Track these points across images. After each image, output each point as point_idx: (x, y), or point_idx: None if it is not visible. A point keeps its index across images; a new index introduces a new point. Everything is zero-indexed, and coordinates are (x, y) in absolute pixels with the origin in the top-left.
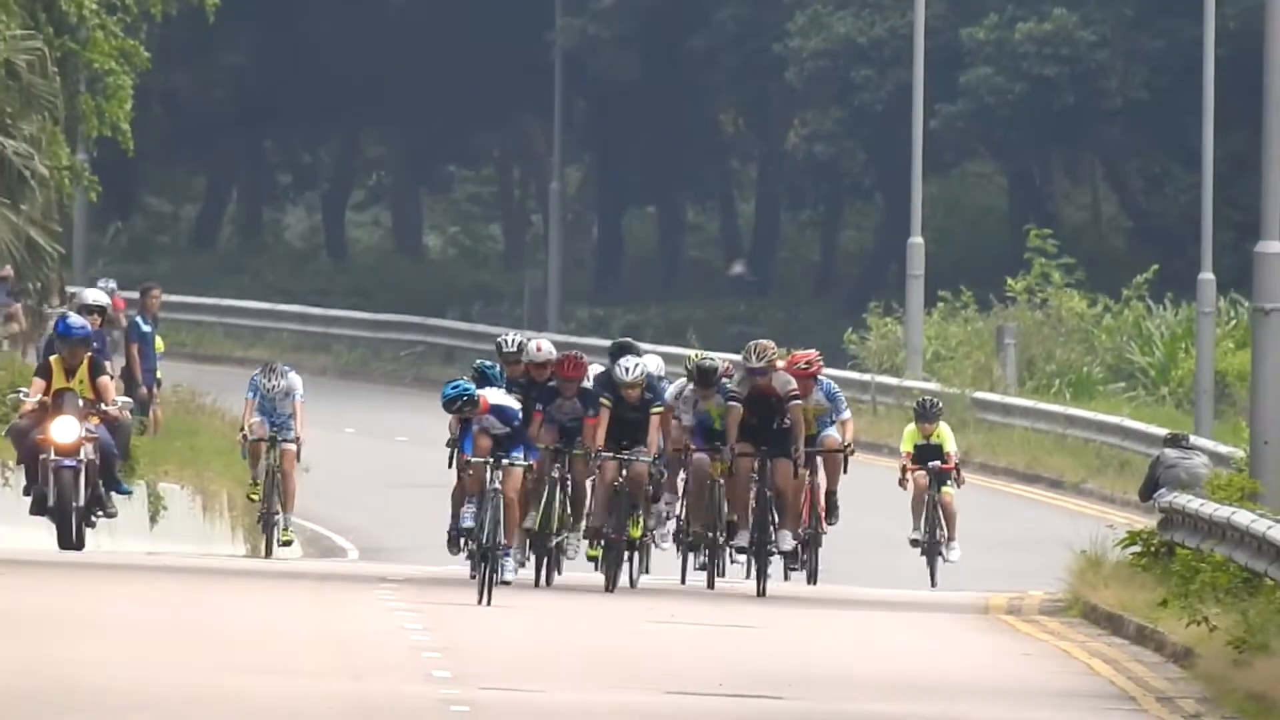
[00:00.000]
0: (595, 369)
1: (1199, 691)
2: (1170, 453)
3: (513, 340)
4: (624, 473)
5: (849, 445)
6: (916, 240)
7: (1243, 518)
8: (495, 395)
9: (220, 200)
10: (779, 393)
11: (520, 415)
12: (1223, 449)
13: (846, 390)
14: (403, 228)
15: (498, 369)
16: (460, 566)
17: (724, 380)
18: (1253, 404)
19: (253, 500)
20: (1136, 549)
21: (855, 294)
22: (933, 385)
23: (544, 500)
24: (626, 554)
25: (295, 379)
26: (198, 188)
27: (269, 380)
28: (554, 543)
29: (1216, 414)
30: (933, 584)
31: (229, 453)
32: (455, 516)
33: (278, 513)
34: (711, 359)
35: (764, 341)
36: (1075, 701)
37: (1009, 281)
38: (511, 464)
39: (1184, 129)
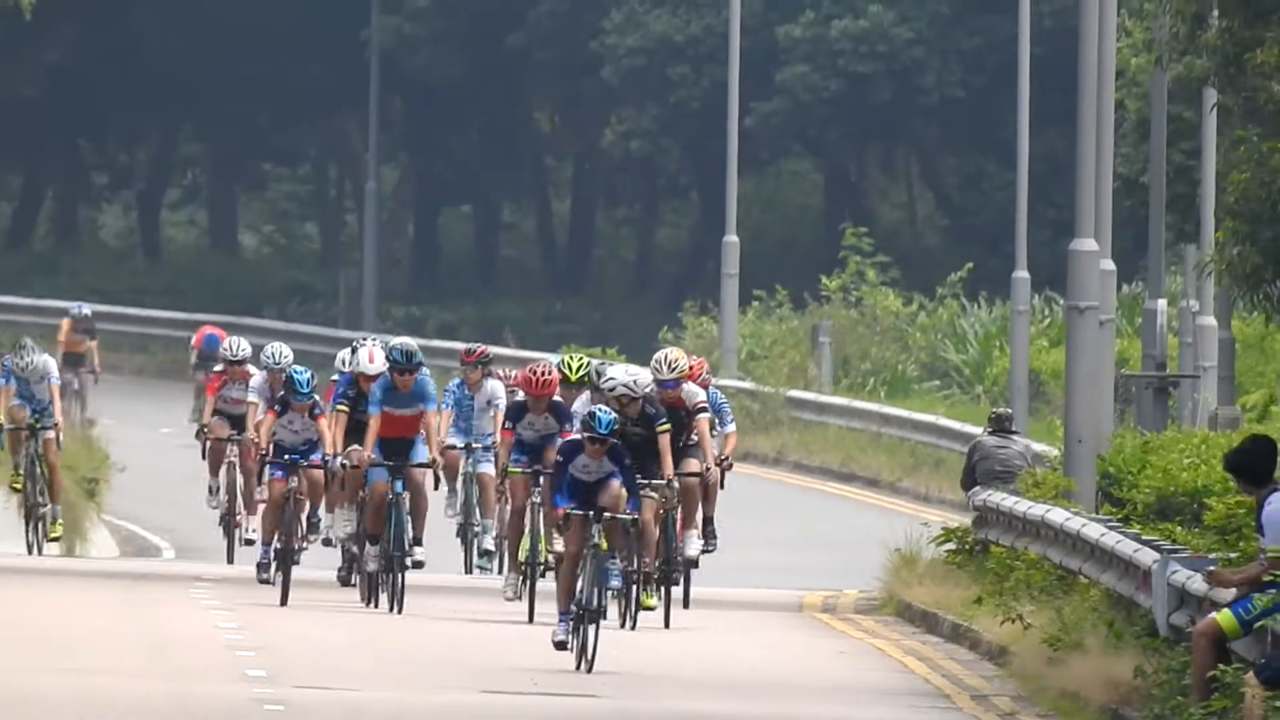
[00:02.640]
0: (583, 397)
1: (1014, 689)
2: (987, 441)
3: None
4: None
5: (726, 459)
6: (731, 239)
7: (1057, 516)
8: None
9: (36, 199)
10: (687, 405)
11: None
12: (1037, 447)
13: None
14: (218, 226)
15: (307, 375)
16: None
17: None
18: (1067, 402)
19: (15, 490)
20: (951, 547)
21: (671, 292)
22: (748, 384)
23: (528, 527)
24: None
25: (49, 361)
26: (12, 186)
27: (20, 359)
28: (543, 570)
29: (1031, 412)
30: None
31: None
32: (267, 543)
33: (45, 505)
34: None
35: (674, 352)
36: (890, 699)
37: (824, 280)
38: (615, 517)
39: (1000, 127)
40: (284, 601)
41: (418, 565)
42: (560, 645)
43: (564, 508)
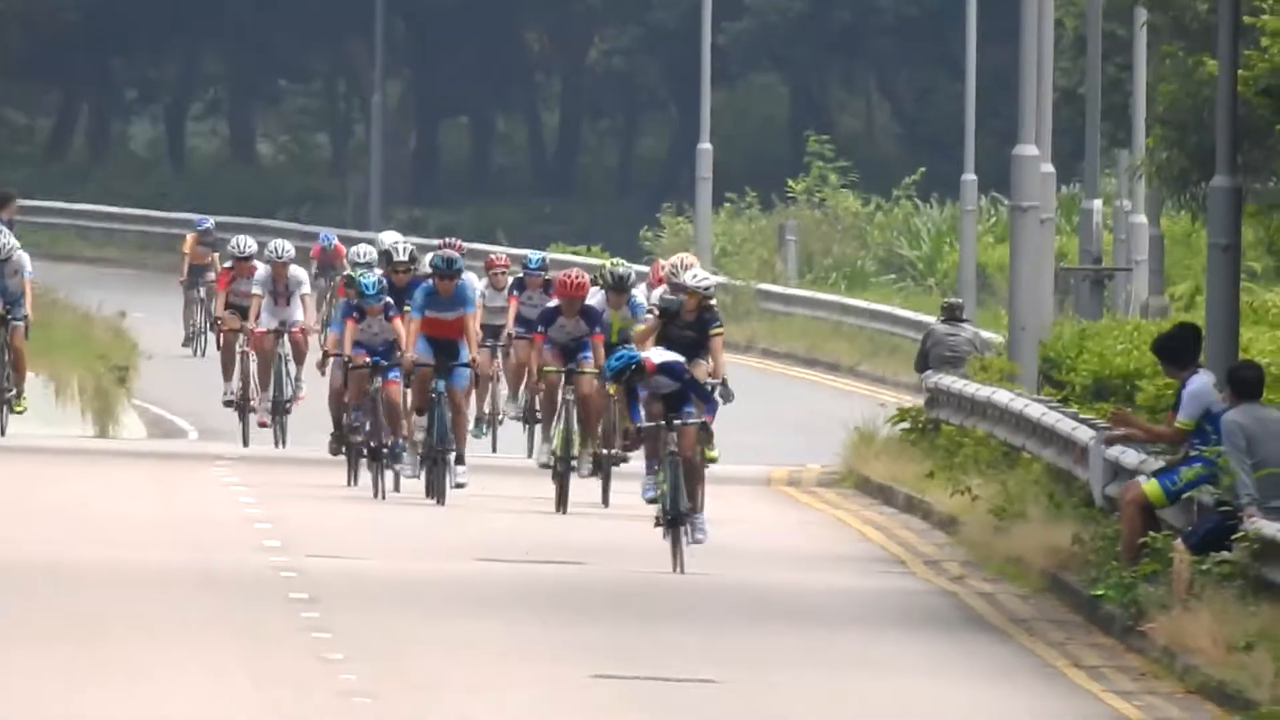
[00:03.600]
0: (595, 291)
1: (963, 556)
2: (939, 328)
3: (403, 249)
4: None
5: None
6: (705, 146)
7: (1002, 397)
8: (659, 354)
9: (72, 113)
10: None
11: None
12: (985, 334)
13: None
14: (238, 137)
15: (373, 279)
16: (327, 461)
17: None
18: (1011, 294)
19: None
20: (906, 426)
21: (650, 196)
22: (721, 278)
23: (560, 424)
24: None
25: (23, 256)
26: (51, 102)
27: None
28: (589, 464)
29: (979, 303)
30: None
31: (80, 344)
32: (337, 421)
33: (10, 389)
34: (624, 265)
35: (689, 256)
36: (851, 565)
37: (790, 183)
38: (685, 423)
39: (950, 44)
40: (379, 495)
41: (459, 486)
42: (652, 501)
43: (637, 423)
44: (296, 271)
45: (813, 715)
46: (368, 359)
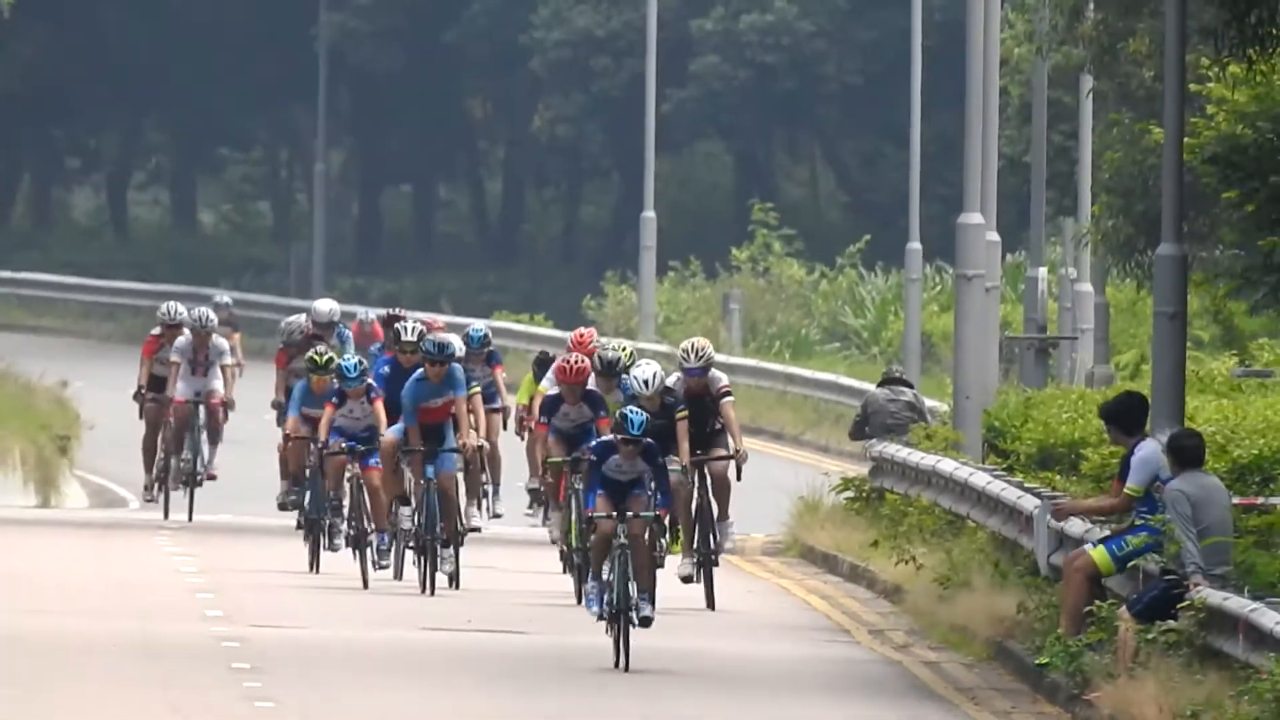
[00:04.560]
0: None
1: (907, 624)
2: (878, 394)
3: (412, 329)
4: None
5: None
6: (649, 214)
7: (947, 465)
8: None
9: (13, 181)
10: (711, 392)
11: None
12: (930, 402)
13: None
14: (180, 205)
15: (354, 361)
16: (258, 517)
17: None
18: (956, 362)
19: None
20: (850, 494)
21: (594, 264)
22: (663, 347)
23: (568, 515)
24: None
25: None
26: None
27: None
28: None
29: (923, 371)
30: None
31: (22, 413)
32: (289, 481)
33: None
34: (613, 348)
35: (700, 340)
36: (795, 634)
37: (734, 251)
38: (638, 515)
39: (894, 112)
40: (365, 585)
41: (447, 573)
42: (601, 616)
43: (590, 510)
44: (219, 341)
45: None
46: (344, 444)
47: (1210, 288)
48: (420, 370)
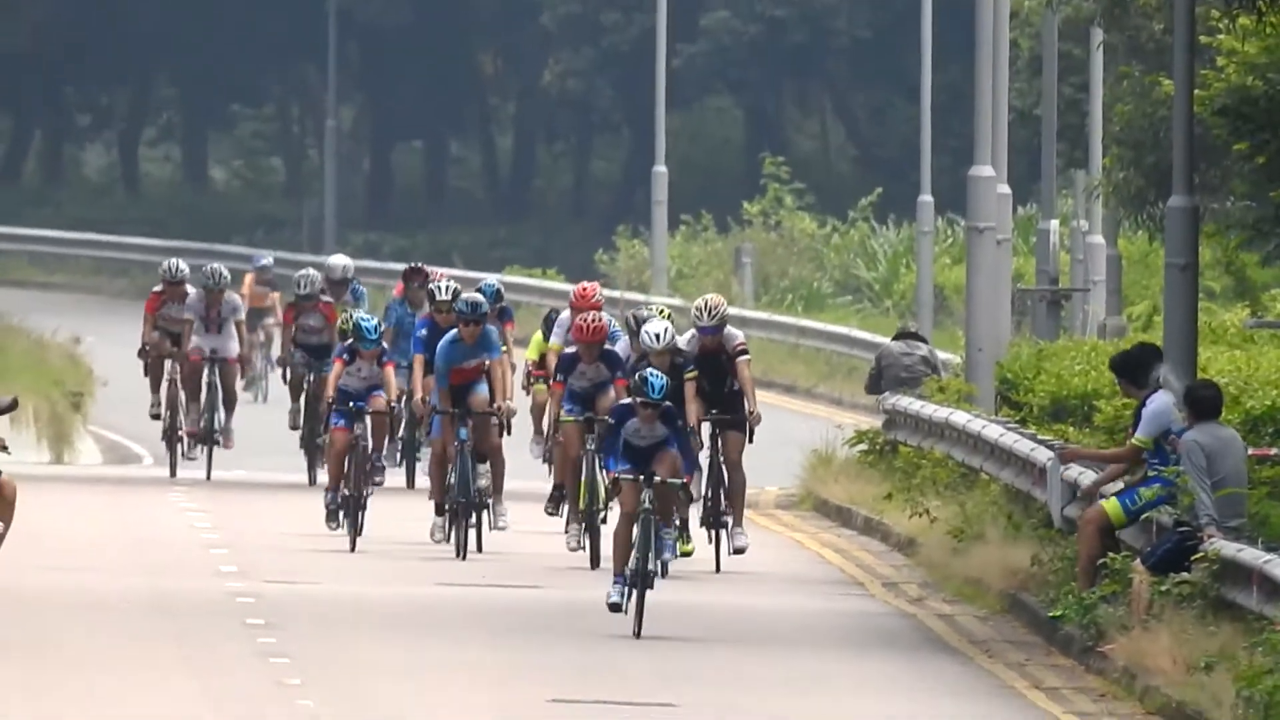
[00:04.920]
0: (622, 343)
1: (921, 577)
2: (893, 347)
3: (446, 288)
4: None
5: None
6: (660, 169)
7: (960, 418)
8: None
9: (24, 139)
10: (727, 350)
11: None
12: (942, 355)
13: None
14: (191, 162)
15: (374, 323)
16: (253, 471)
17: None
18: (968, 315)
19: None
20: (863, 447)
21: (605, 218)
22: (676, 301)
23: (585, 475)
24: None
25: None
26: (3, 128)
27: None
28: (602, 516)
29: (935, 324)
30: None
31: (35, 370)
32: (332, 489)
33: None
34: (649, 310)
35: (714, 297)
36: (809, 587)
37: (745, 205)
38: (665, 482)
39: (905, 65)
40: (353, 548)
41: (500, 529)
42: (614, 608)
43: (614, 472)
44: (231, 298)
45: None
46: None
47: (1222, 239)
48: (454, 332)
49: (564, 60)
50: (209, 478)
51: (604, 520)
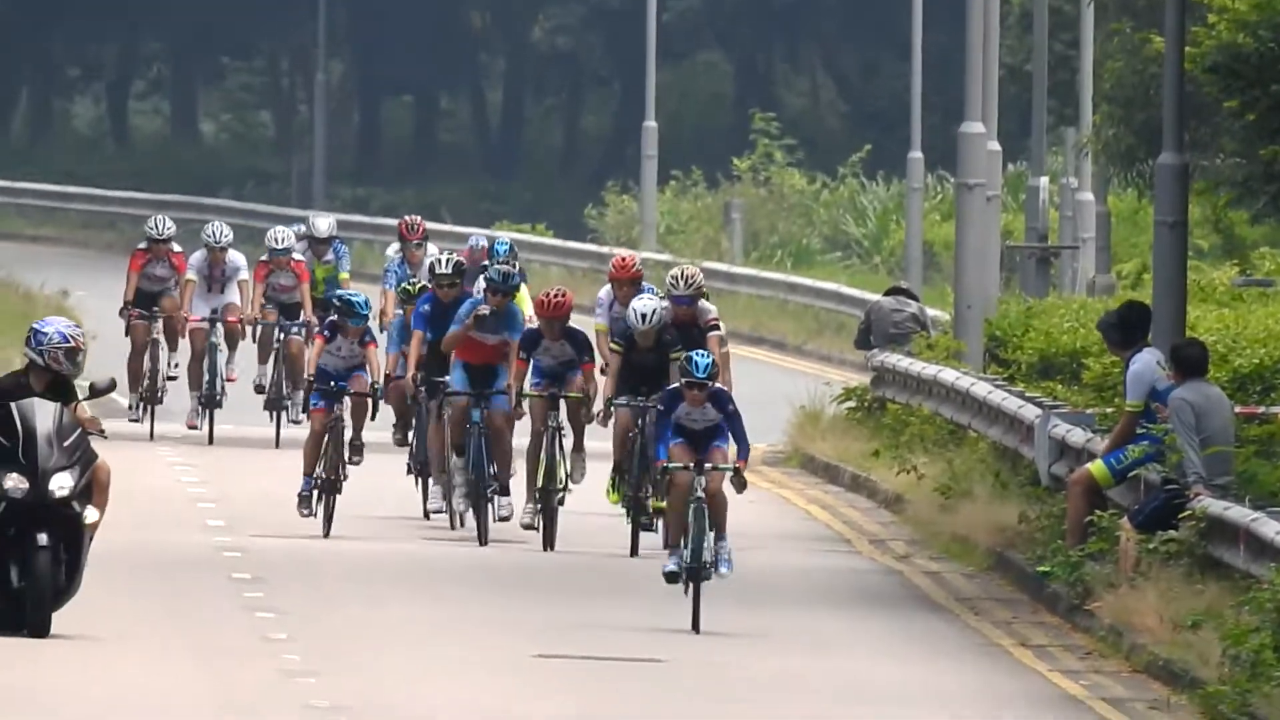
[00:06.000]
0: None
1: (908, 534)
2: (884, 303)
3: (447, 262)
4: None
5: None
6: (650, 124)
7: (948, 375)
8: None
9: (12, 92)
10: (700, 323)
11: None
12: (931, 312)
13: (585, 261)
14: (181, 115)
15: (364, 298)
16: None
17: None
18: (957, 271)
19: None
20: (851, 404)
21: (595, 174)
22: (665, 257)
23: (543, 452)
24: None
25: None
26: None
27: None
28: (560, 497)
29: (925, 280)
30: None
31: (23, 323)
32: (308, 474)
33: None
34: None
35: (691, 268)
36: (797, 544)
37: (735, 161)
38: (716, 467)
39: (895, 21)
40: (326, 533)
41: (502, 519)
42: (670, 577)
43: (662, 461)
44: (234, 257)
45: (759, 694)
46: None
47: (1211, 197)
48: (480, 296)
49: (554, 16)
50: (211, 442)
51: (561, 502)
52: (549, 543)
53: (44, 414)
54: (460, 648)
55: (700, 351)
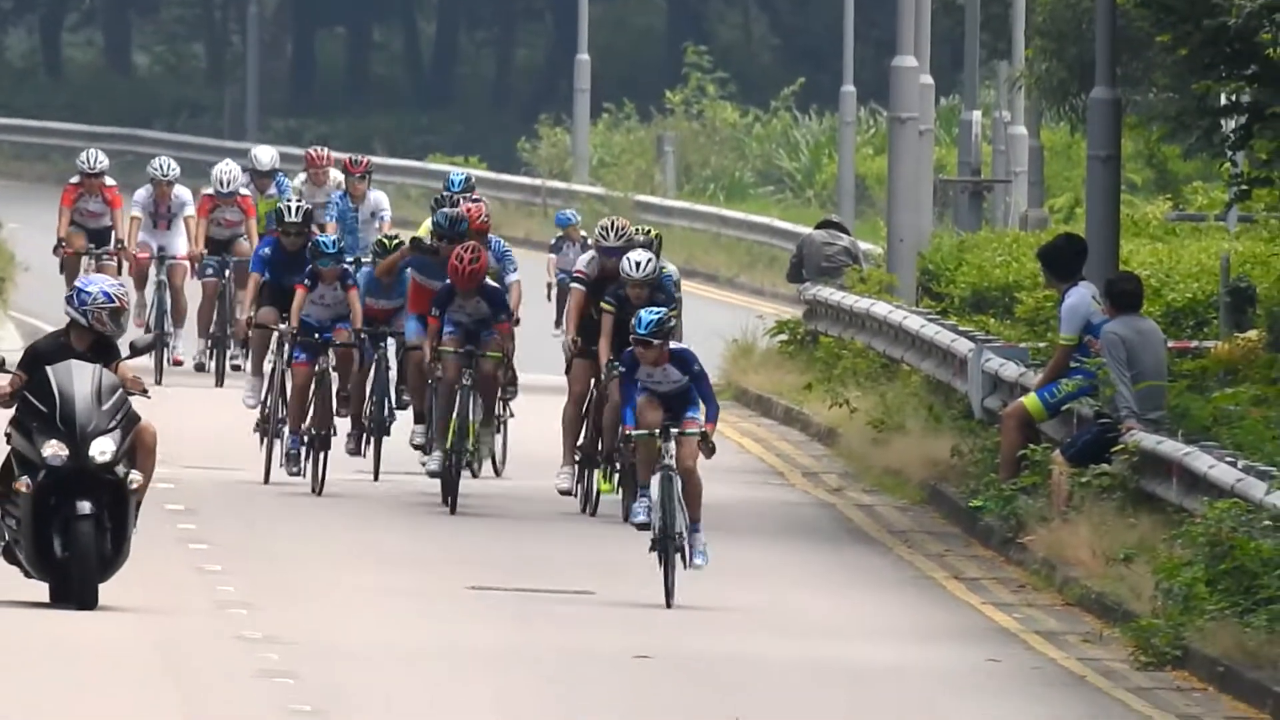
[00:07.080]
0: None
1: (841, 467)
2: (816, 235)
3: (295, 209)
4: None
5: (515, 317)
6: (583, 57)
7: (881, 309)
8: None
9: None
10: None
11: None
12: (864, 246)
13: (518, 194)
14: (114, 47)
15: (333, 237)
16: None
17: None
18: (890, 205)
19: None
20: (784, 337)
21: (528, 107)
22: (598, 190)
23: (456, 410)
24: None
25: None
26: None
27: None
28: (469, 457)
29: (857, 214)
30: None
31: None
32: (294, 431)
33: None
34: (638, 230)
35: (622, 220)
36: (729, 476)
37: (668, 94)
38: (683, 433)
39: None
40: (319, 491)
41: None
42: (643, 527)
43: (629, 427)
44: (181, 192)
45: (687, 625)
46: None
47: (1144, 131)
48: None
49: None
50: (159, 382)
51: (474, 474)
52: (452, 506)
53: (82, 377)
54: (394, 579)
55: (650, 309)
